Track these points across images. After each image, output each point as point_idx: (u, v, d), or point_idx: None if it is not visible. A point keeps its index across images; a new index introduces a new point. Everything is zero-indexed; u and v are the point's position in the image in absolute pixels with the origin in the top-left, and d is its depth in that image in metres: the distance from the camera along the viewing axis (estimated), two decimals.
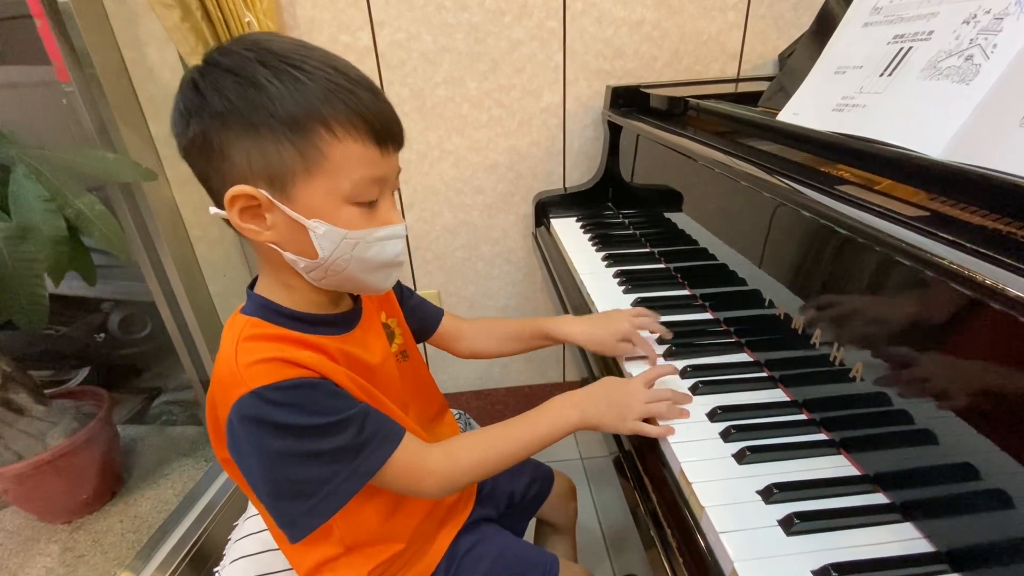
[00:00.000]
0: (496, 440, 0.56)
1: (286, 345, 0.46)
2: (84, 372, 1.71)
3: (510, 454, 0.55)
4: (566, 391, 0.60)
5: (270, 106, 0.41)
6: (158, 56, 1.11)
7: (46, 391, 1.32)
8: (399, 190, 0.51)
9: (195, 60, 0.95)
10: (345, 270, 0.48)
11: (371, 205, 0.47)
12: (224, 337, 0.48)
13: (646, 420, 0.56)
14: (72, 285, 1.18)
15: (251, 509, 0.77)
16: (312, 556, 0.56)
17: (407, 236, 0.50)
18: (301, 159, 0.43)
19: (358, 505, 0.48)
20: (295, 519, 0.46)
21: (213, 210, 0.46)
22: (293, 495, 0.45)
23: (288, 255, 0.46)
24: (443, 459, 0.53)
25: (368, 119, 0.44)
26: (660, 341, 0.69)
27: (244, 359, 0.44)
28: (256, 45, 0.43)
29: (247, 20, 0.96)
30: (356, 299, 0.57)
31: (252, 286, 0.52)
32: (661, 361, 0.66)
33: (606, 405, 0.57)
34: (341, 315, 0.54)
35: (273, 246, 0.46)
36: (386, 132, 0.46)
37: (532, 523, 0.85)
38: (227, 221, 0.46)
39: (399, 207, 0.51)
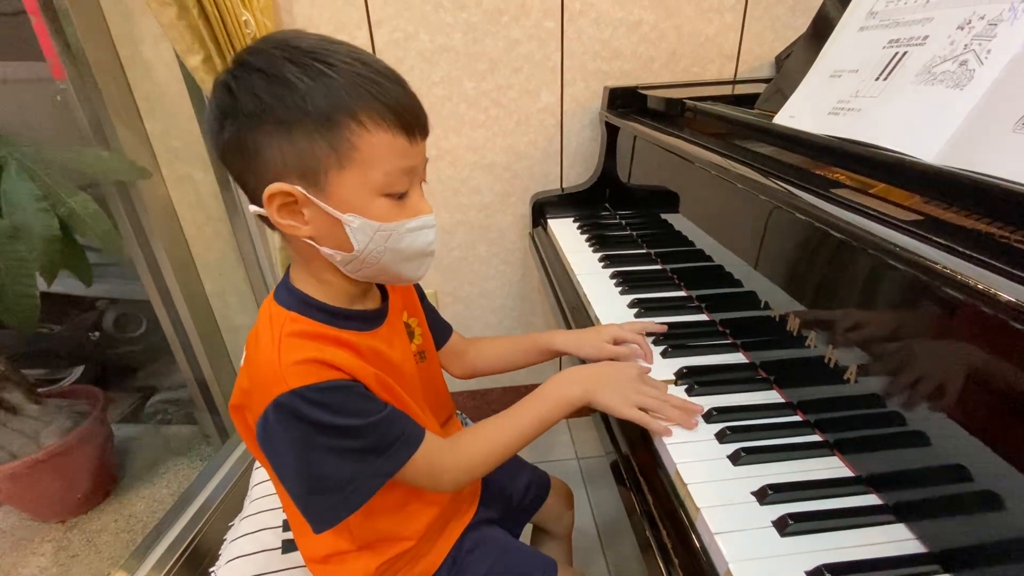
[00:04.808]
0: (502, 428, 0.57)
1: (324, 345, 0.48)
2: (78, 371, 1.70)
3: (517, 437, 0.57)
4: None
5: (300, 103, 0.42)
6: (154, 53, 1.11)
7: (40, 390, 1.31)
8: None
9: (191, 58, 0.97)
10: (379, 261, 0.49)
11: (401, 197, 0.48)
12: (262, 327, 0.49)
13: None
14: (66, 283, 1.18)
15: (247, 509, 0.77)
16: (324, 546, 0.57)
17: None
18: (333, 153, 0.44)
19: (375, 505, 0.50)
20: (321, 513, 0.48)
21: (253, 208, 0.48)
22: (321, 489, 0.47)
23: (325, 250, 0.48)
24: (455, 455, 0.55)
25: (395, 109, 0.45)
26: (656, 342, 0.70)
27: (287, 357, 0.45)
28: (284, 43, 0.44)
29: (244, 18, 0.95)
30: (384, 297, 0.59)
31: (287, 274, 0.54)
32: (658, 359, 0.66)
33: (604, 383, 0.59)
34: (371, 311, 0.55)
35: (310, 242, 0.48)
36: (414, 121, 0.46)
37: (528, 529, 0.85)
38: (264, 220, 0.48)
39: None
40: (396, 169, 0.46)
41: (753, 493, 0.47)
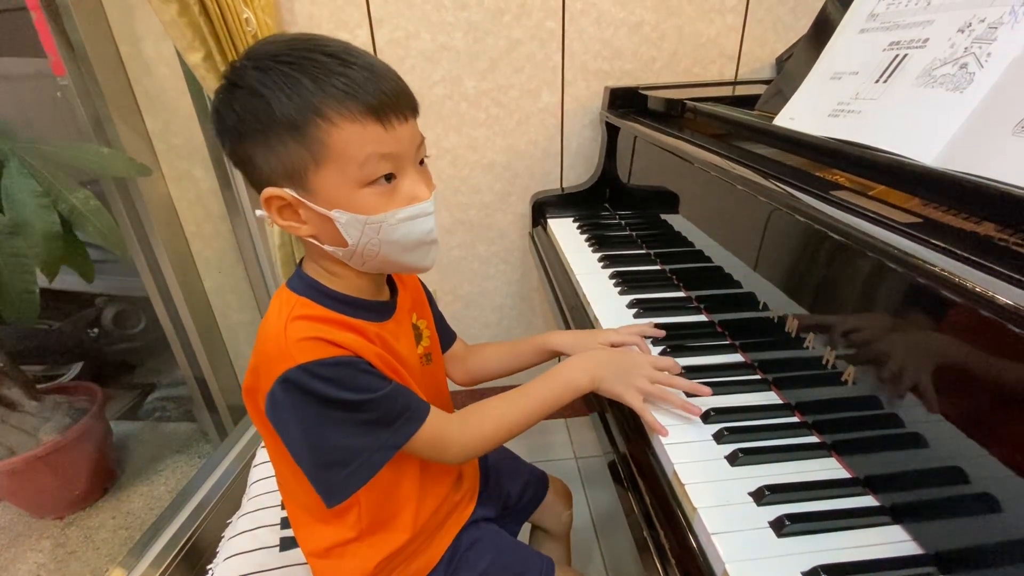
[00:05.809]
0: (508, 409, 0.59)
1: (330, 327, 0.49)
2: (77, 367, 1.70)
3: (524, 417, 0.58)
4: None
5: (268, 110, 0.44)
6: (154, 51, 1.11)
7: (39, 386, 1.32)
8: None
9: (192, 55, 0.97)
10: (379, 253, 0.49)
11: (390, 181, 0.47)
12: (272, 310, 0.51)
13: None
14: (66, 280, 1.17)
15: (245, 506, 0.77)
16: (325, 538, 0.57)
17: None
18: (307, 153, 0.45)
19: (385, 481, 0.51)
20: (333, 486, 0.50)
21: (259, 212, 0.50)
22: (331, 463, 0.49)
23: (327, 247, 0.49)
24: (461, 431, 0.56)
25: (361, 97, 0.44)
26: (655, 343, 0.70)
27: (292, 335, 0.47)
28: (253, 52, 0.46)
29: (245, 16, 0.95)
30: (394, 292, 0.59)
31: (301, 263, 0.55)
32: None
33: (612, 371, 0.60)
34: (380, 303, 0.56)
35: (313, 240, 0.49)
36: (385, 106, 0.45)
37: (527, 528, 0.85)
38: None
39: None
40: (372, 157, 0.45)
41: (750, 494, 0.47)
